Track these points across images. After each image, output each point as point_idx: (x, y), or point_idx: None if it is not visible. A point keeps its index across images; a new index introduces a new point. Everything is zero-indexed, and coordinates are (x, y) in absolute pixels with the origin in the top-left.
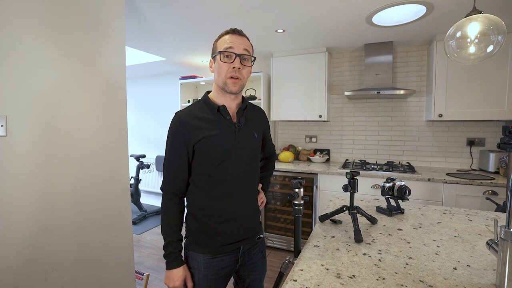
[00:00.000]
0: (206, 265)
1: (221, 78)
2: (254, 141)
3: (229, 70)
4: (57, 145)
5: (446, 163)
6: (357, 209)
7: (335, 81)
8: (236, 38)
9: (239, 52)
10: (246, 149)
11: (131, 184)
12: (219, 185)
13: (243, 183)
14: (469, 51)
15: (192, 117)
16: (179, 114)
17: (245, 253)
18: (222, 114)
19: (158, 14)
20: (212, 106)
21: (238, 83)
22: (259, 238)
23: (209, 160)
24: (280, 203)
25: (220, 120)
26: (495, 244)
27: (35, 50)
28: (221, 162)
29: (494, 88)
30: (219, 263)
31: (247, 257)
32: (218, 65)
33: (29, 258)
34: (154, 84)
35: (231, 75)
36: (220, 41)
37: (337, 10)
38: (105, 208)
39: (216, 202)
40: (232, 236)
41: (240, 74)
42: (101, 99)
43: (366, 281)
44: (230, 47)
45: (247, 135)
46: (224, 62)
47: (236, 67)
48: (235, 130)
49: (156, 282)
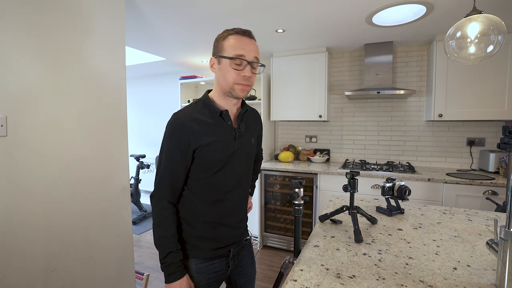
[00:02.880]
0: (198, 270)
1: (227, 83)
2: (251, 147)
3: (239, 78)
4: (57, 145)
5: (446, 163)
6: (357, 209)
7: (335, 81)
8: (247, 43)
9: (250, 59)
10: (244, 155)
11: (131, 184)
12: (215, 191)
13: (238, 189)
14: (469, 51)
15: (192, 120)
16: (178, 115)
17: (234, 256)
18: (224, 119)
19: (158, 14)
20: (214, 110)
21: (246, 90)
22: (246, 240)
23: (208, 167)
24: (280, 203)
25: (221, 125)
26: (495, 244)
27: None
28: (219, 169)
29: (494, 88)
30: (211, 267)
31: (237, 260)
32: (225, 70)
33: (29, 258)
34: (154, 84)
35: (241, 82)
36: (229, 42)
37: (337, 10)
38: (105, 208)
39: (211, 207)
40: (224, 240)
41: (249, 81)
42: (101, 99)
43: (366, 281)
44: (242, 55)
45: (246, 141)
46: (233, 69)
47: (246, 76)
48: (235, 136)
49: (156, 282)
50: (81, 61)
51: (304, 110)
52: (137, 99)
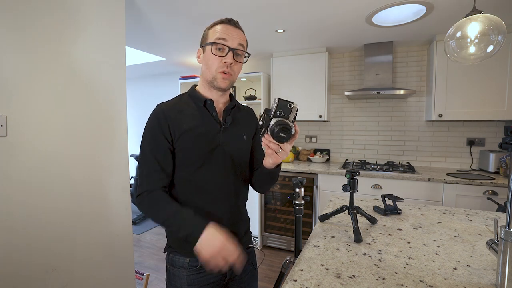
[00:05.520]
0: (190, 282)
1: (210, 72)
2: (243, 143)
3: (220, 65)
4: (57, 145)
5: (446, 163)
6: (357, 209)
7: (335, 81)
8: (231, 30)
9: (233, 46)
10: (231, 152)
11: (131, 184)
12: (201, 191)
13: (228, 190)
14: (469, 51)
15: (175, 110)
16: (161, 106)
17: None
18: (208, 109)
19: (158, 14)
20: (198, 99)
21: (228, 79)
22: (249, 247)
23: (189, 161)
24: (280, 203)
25: (205, 115)
26: (495, 244)
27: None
28: (202, 164)
29: (494, 88)
30: (204, 278)
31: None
32: (208, 57)
33: (29, 258)
34: (154, 84)
35: (222, 70)
36: (212, 30)
37: (337, 10)
38: (105, 208)
39: (199, 210)
40: None
41: (232, 69)
42: (101, 99)
43: (366, 281)
44: (223, 39)
45: (234, 136)
46: (215, 55)
47: (228, 62)
48: (220, 129)
49: (156, 282)
50: (81, 62)
51: (304, 110)
52: (137, 99)
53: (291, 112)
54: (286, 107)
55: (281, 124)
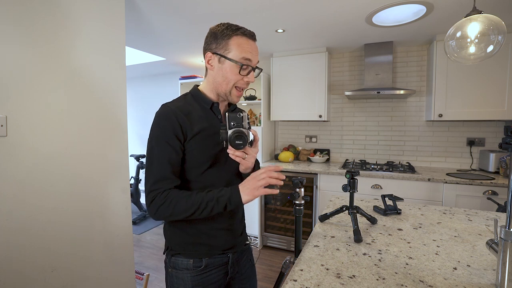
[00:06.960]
0: (194, 283)
1: (226, 86)
2: None
3: (241, 82)
4: (57, 145)
5: (446, 163)
6: (357, 209)
7: (335, 81)
8: (254, 48)
9: (255, 64)
10: None
11: (131, 184)
12: None
13: None
14: (469, 51)
15: (184, 112)
16: (170, 106)
17: (234, 264)
18: (214, 112)
19: (158, 14)
20: (205, 101)
21: (241, 95)
22: (246, 245)
23: (197, 163)
24: (280, 203)
25: (210, 117)
26: (495, 244)
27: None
28: (209, 167)
29: (494, 88)
30: (208, 278)
31: (237, 268)
32: (228, 72)
33: (29, 258)
34: (154, 84)
35: (240, 86)
36: (236, 43)
37: (337, 10)
38: (105, 208)
39: None
40: (220, 246)
41: (247, 86)
42: (101, 99)
43: (366, 281)
44: (249, 60)
45: None
46: (238, 73)
47: (250, 81)
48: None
49: (156, 282)
50: (81, 62)
51: (304, 110)
52: (137, 99)
53: (242, 120)
54: (237, 118)
55: (235, 133)
